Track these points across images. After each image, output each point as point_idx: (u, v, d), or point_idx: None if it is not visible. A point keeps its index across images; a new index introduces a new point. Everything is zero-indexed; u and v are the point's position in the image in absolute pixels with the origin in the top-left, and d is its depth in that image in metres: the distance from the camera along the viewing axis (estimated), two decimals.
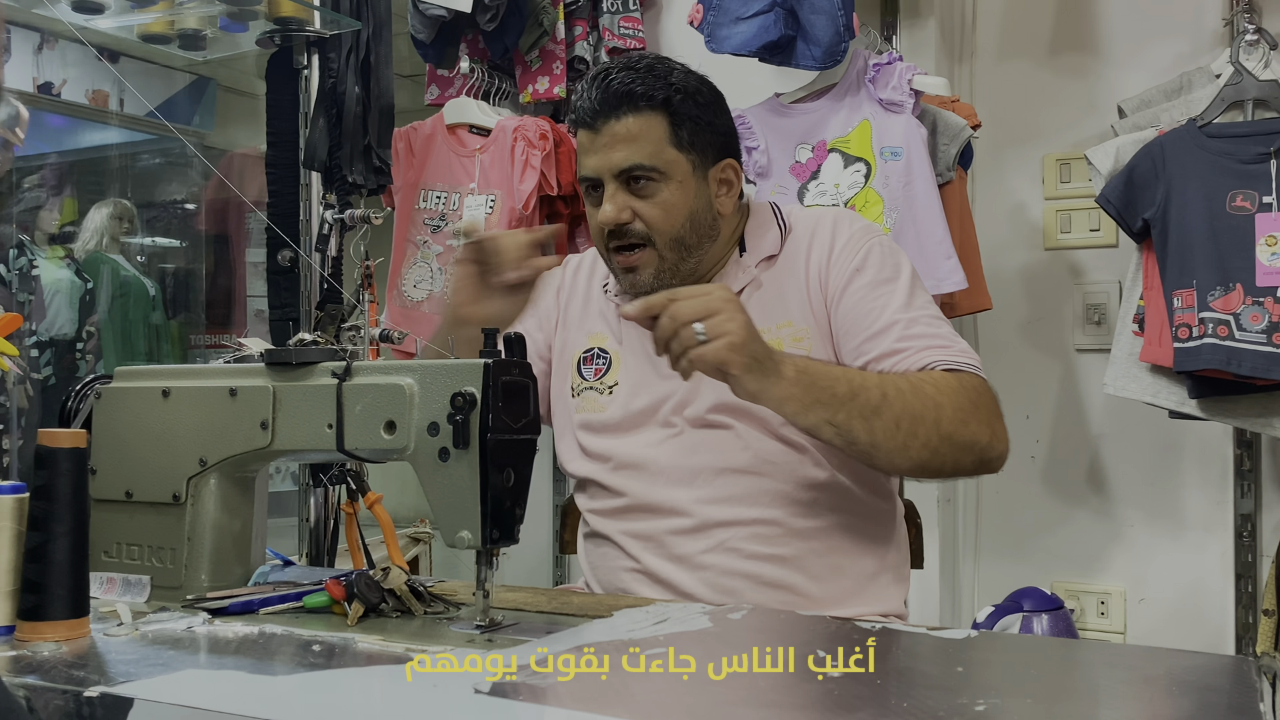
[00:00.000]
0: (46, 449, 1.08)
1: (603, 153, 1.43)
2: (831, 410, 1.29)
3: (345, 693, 0.91)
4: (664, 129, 1.43)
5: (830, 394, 1.28)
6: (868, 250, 1.46)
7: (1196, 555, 2.52)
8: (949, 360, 1.37)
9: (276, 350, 1.23)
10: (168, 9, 1.90)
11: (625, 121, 1.42)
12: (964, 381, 1.36)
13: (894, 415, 1.30)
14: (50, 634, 1.06)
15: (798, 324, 1.46)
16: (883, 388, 1.31)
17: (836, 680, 0.94)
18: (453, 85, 2.59)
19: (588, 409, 1.54)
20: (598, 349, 1.56)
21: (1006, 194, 2.71)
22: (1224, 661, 1.04)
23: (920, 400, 1.31)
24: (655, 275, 1.45)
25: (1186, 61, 2.45)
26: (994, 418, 1.36)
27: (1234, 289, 2.03)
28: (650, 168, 1.42)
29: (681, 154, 1.44)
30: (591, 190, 1.47)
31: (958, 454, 1.34)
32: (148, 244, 4.55)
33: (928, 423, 1.30)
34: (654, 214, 1.43)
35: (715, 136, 1.48)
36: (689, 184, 1.45)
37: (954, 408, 1.32)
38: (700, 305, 1.24)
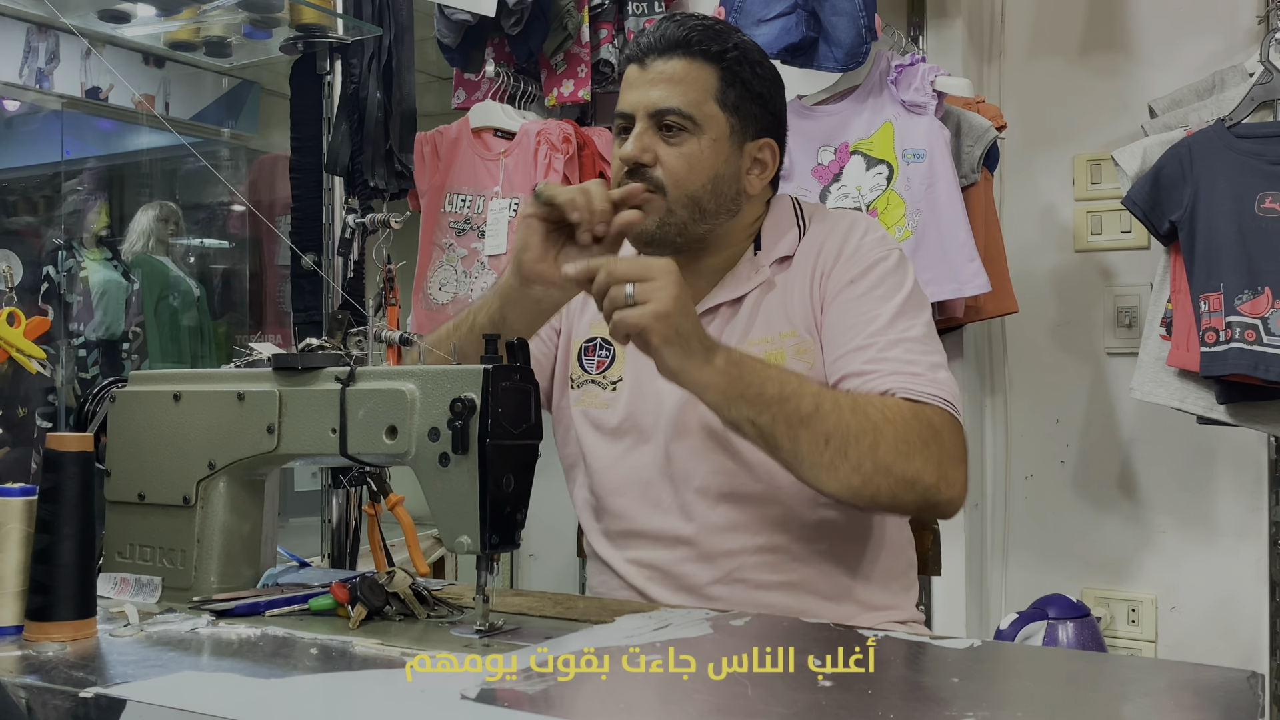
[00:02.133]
0: (54, 452, 1.10)
1: (643, 89, 1.37)
2: (756, 409, 1.22)
3: (333, 697, 0.92)
4: (713, 82, 1.37)
5: (758, 392, 1.21)
6: (872, 263, 1.39)
7: (1230, 563, 2.48)
8: (914, 390, 1.28)
9: (282, 355, 1.24)
10: (193, 17, 1.93)
11: (674, 63, 1.37)
12: (920, 414, 1.26)
13: (824, 430, 1.22)
14: (57, 634, 1.08)
15: (801, 334, 1.40)
16: (818, 399, 1.23)
17: (826, 690, 0.93)
18: (479, 89, 2.61)
19: (589, 403, 1.49)
20: (600, 339, 1.51)
21: (1036, 195, 2.68)
22: (1229, 676, 1.02)
23: (858, 420, 1.23)
24: (659, 225, 1.37)
25: (1220, 60, 2.41)
26: (946, 459, 1.26)
27: (1262, 292, 1.99)
28: (686, 114, 1.36)
29: (723, 113, 1.38)
30: (623, 129, 1.41)
31: (895, 487, 1.24)
32: (194, 245, 4.63)
33: (862, 446, 1.22)
34: (677, 164, 1.36)
35: (763, 111, 1.42)
36: (722, 145, 1.38)
37: (897, 437, 1.23)
38: (638, 267, 1.19)
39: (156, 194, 4.51)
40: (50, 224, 4.27)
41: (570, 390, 1.52)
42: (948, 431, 1.28)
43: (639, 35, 1.42)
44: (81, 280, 4.13)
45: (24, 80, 3.96)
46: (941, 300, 2.10)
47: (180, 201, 4.43)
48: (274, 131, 4.30)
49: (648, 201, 1.36)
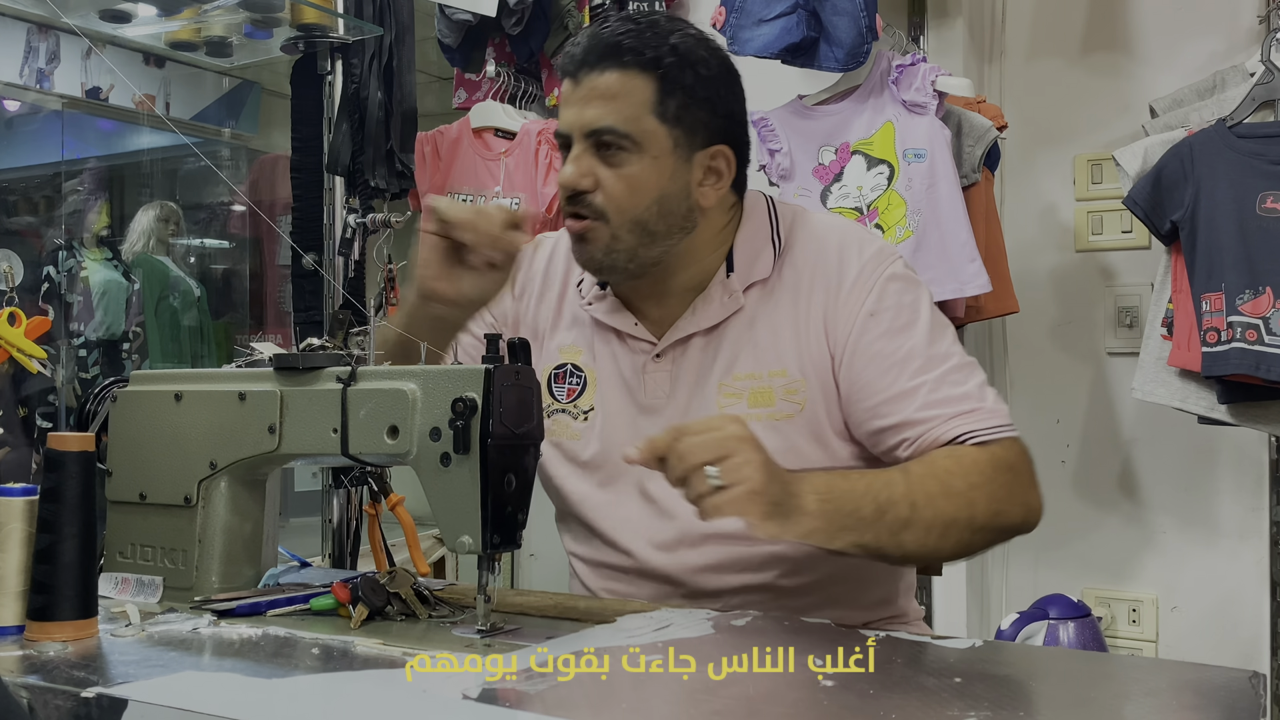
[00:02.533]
0: (56, 452, 1.10)
1: (577, 107, 1.28)
2: (859, 534, 1.17)
3: (334, 697, 0.92)
4: (649, 94, 1.27)
5: (856, 518, 1.16)
6: (881, 288, 1.31)
7: (1230, 563, 2.48)
8: (980, 430, 1.25)
9: (284, 355, 1.24)
10: (193, 17, 1.93)
11: (607, 77, 1.27)
12: (996, 459, 1.24)
13: (924, 524, 1.19)
14: (58, 634, 1.08)
15: (792, 374, 1.32)
16: (911, 497, 1.18)
17: (828, 690, 0.94)
18: (479, 89, 2.61)
19: (560, 433, 1.42)
20: (571, 365, 1.43)
21: (1037, 195, 2.68)
22: (1231, 676, 1.02)
23: (951, 502, 1.20)
24: (606, 253, 1.30)
25: (1221, 60, 2.40)
26: (1028, 489, 1.26)
27: (1263, 292, 1.99)
28: (623, 133, 1.26)
29: (663, 126, 1.28)
30: (564, 147, 1.33)
31: (991, 539, 1.25)
32: (194, 245, 4.63)
33: (960, 524, 1.21)
34: (617, 187, 1.27)
35: (711, 116, 1.31)
36: (665, 162, 1.28)
37: (988, 499, 1.21)
38: (713, 446, 1.09)
39: (157, 194, 4.51)
40: (50, 224, 4.27)
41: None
42: (1020, 463, 1.26)
43: (570, 44, 1.33)
44: (82, 280, 4.13)
45: (24, 80, 3.96)
46: (943, 300, 2.09)
47: (180, 201, 4.43)
48: (275, 131, 4.30)
49: (589, 230, 1.30)
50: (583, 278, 1.44)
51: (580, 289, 1.44)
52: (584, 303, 1.43)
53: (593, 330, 1.42)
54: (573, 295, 1.45)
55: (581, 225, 1.30)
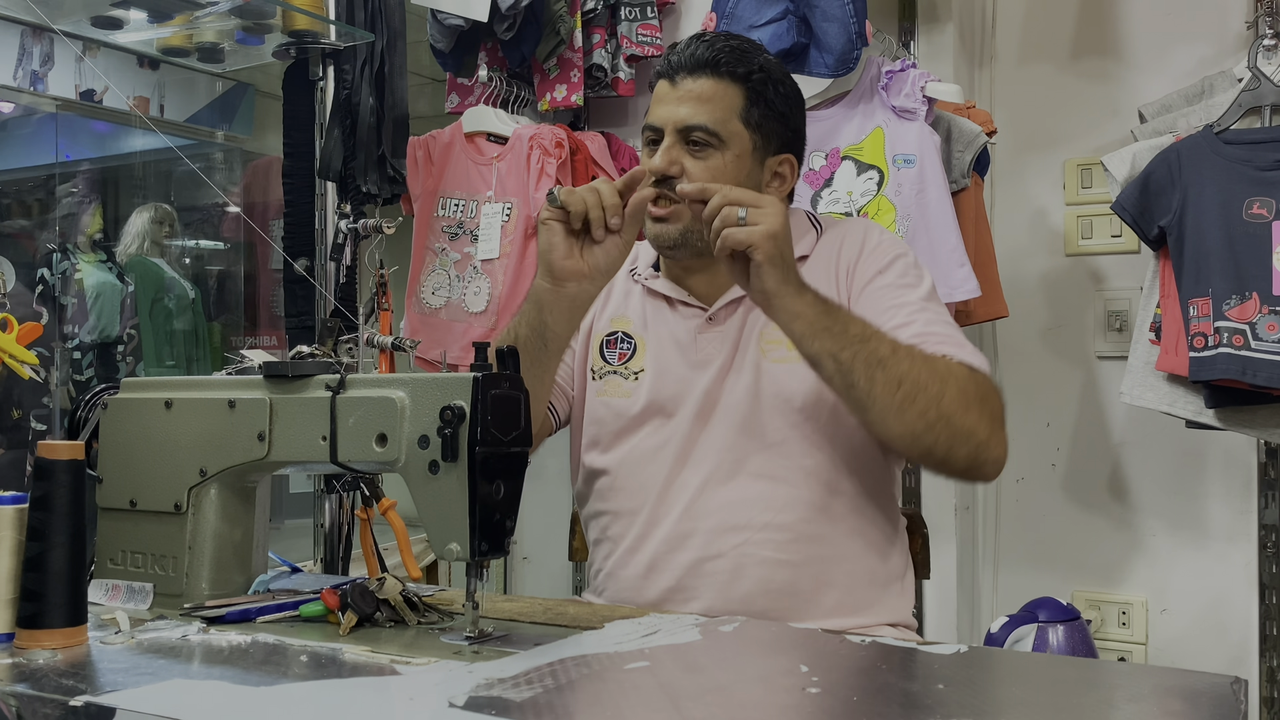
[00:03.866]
0: (45, 460, 1.11)
1: (672, 105, 1.46)
2: (839, 344, 1.30)
3: (322, 704, 0.92)
4: (738, 101, 1.46)
5: (842, 329, 1.30)
6: (894, 258, 1.49)
7: (1220, 566, 2.49)
8: (964, 359, 1.38)
9: (273, 363, 1.25)
10: (185, 23, 1.93)
11: (702, 82, 1.46)
12: (975, 376, 1.37)
13: (898, 373, 1.30)
14: (48, 642, 1.08)
15: None
16: (894, 345, 1.32)
17: (812, 696, 0.94)
18: (472, 93, 2.61)
19: (611, 392, 1.54)
20: (621, 333, 1.57)
21: (1027, 199, 2.69)
22: (1214, 682, 1.03)
23: (929, 371, 1.32)
24: (683, 233, 1.47)
25: (1209, 65, 2.42)
26: (996, 419, 1.36)
27: (1250, 298, 2.01)
28: (713, 131, 1.44)
29: (747, 130, 1.47)
30: (651, 142, 1.49)
31: (953, 438, 1.33)
32: (189, 247, 4.63)
33: (930, 394, 1.31)
34: (701, 176, 1.44)
35: (784, 129, 1.51)
36: (745, 161, 1.47)
37: (959, 391, 1.33)
38: (750, 195, 1.31)
39: (151, 196, 4.51)
40: (44, 227, 4.27)
41: (591, 382, 1.57)
42: (994, 395, 1.38)
43: (670, 52, 1.50)
44: (76, 283, 4.13)
45: (18, 83, 3.96)
46: None
47: (175, 204, 4.43)
48: (269, 134, 4.29)
49: (672, 213, 1.46)
50: (635, 265, 1.60)
51: (634, 272, 1.60)
52: (640, 279, 1.58)
53: (644, 302, 1.57)
54: (623, 280, 1.60)
55: (668, 209, 1.46)
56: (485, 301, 2.43)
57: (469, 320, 2.44)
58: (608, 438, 1.54)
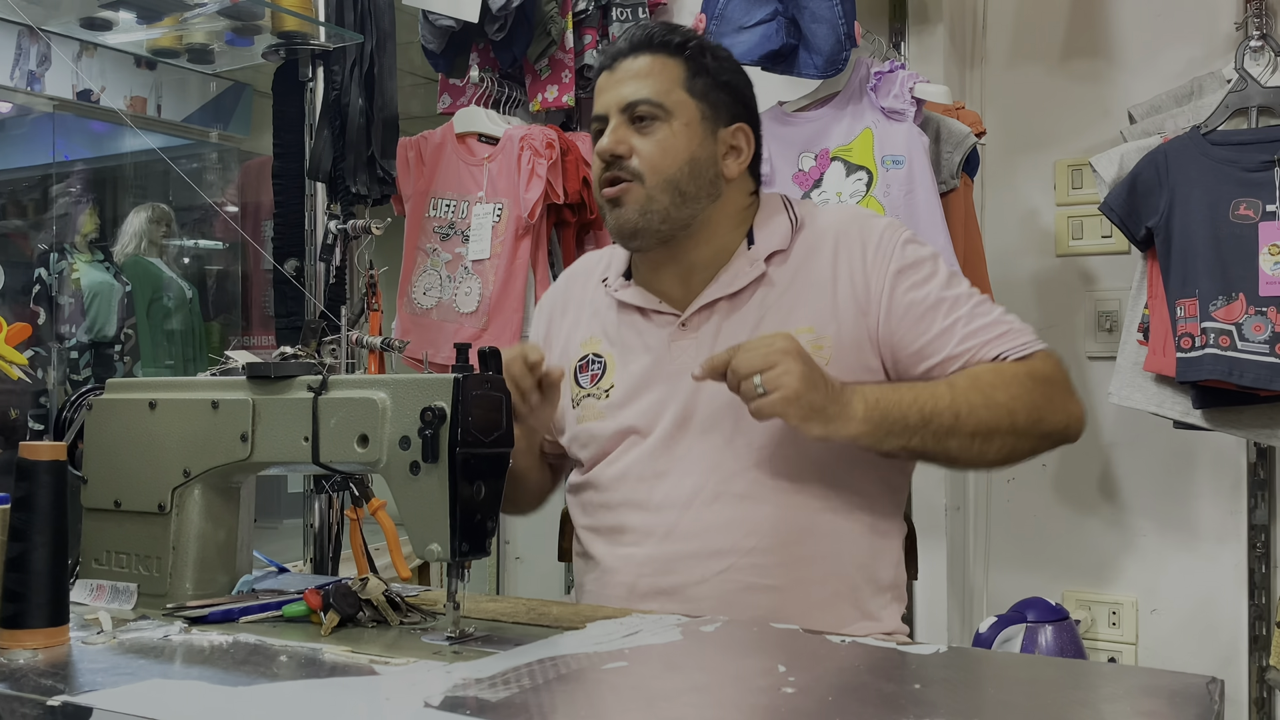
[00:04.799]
0: (27, 461, 1.11)
1: (614, 89, 1.45)
2: (905, 438, 1.33)
3: (298, 705, 0.93)
4: (678, 72, 1.44)
5: (903, 425, 1.32)
6: (901, 249, 1.45)
7: (1209, 566, 2.50)
8: (1015, 346, 1.39)
9: (256, 364, 1.25)
10: (175, 25, 1.93)
11: (641, 59, 1.44)
12: (1034, 371, 1.38)
13: (968, 432, 1.33)
14: (29, 642, 1.09)
15: (819, 330, 1.42)
16: (955, 407, 1.33)
17: (787, 696, 0.95)
18: (463, 94, 2.62)
19: (588, 416, 1.51)
20: (591, 355, 1.54)
21: (1018, 200, 2.70)
22: (1189, 681, 1.04)
23: (992, 411, 1.34)
24: (641, 213, 1.42)
25: (1199, 66, 2.42)
26: (1067, 397, 1.40)
27: (1236, 299, 2.01)
28: (656, 103, 1.42)
29: (692, 99, 1.44)
30: (599, 133, 1.47)
31: (1036, 444, 1.39)
32: (186, 246, 4.63)
33: (1002, 429, 1.34)
34: (651, 151, 1.42)
35: (732, 100, 1.48)
36: (694, 130, 1.44)
37: (1027, 407, 1.35)
38: (759, 358, 1.27)
39: (149, 196, 4.51)
40: (41, 227, 4.27)
41: (571, 410, 1.54)
42: (1055, 372, 1.41)
43: (605, 49, 1.50)
44: (73, 282, 4.13)
45: (15, 82, 3.96)
46: None
47: (173, 203, 4.43)
48: (266, 134, 4.29)
49: (625, 192, 1.42)
50: (606, 275, 1.56)
51: (606, 283, 1.56)
52: (610, 290, 1.54)
53: (615, 315, 1.53)
54: (593, 294, 1.57)
55: (618, 189, 1.43)
56: (476, 302, 2.43)
57: (460, 320, 2.45)
58: (589, 459, 1.51)
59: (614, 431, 1.48)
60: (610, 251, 1.60)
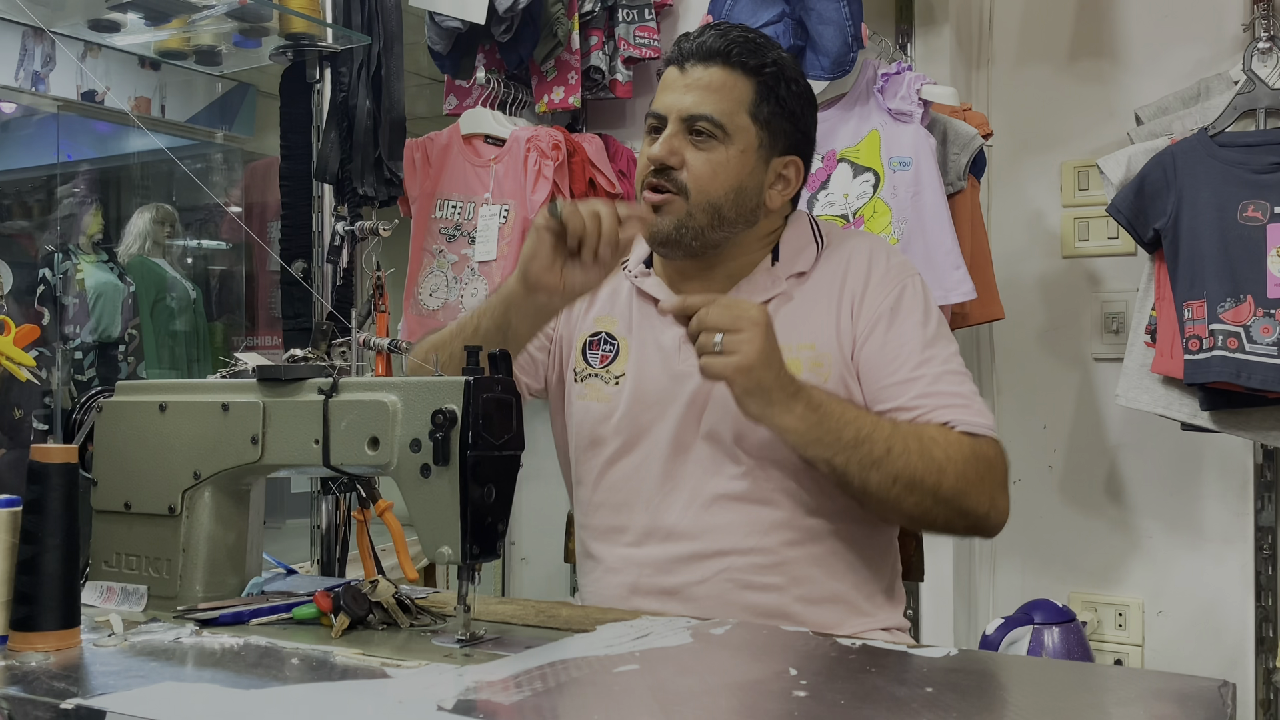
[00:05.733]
0: (39, 464, 1.11)
1: (679, 93, 1.41)
2: (832, 451, 1.30)
3: (311, 708, 0.93)
4: (748, 94, 1.40)
5: (835, 437, 1.30)
6: (902, 289, 1.44)
7: (1216, 567, 2.49)
8: (969, 423, 1.36)
9: (266, 366, 1.25)
10: (182, 26, 1.94)
11: (713, 71, 1.40)
12: (977, 449, 1.35)
13: (893, 472, 1.30)
14: (41, 644, 1.09)
15: (820, 348, 1.42)
16: (889, 443, 1.31)
17: (799, 700, 0.95)
18: (470, 95, 2.62)
19: (592, 396, 1.50)
20: (605, 334, 1.52)
21: (1024, 201, 2.70)
22: (1201, 685, 1.04)
23: (925, 463, 1.31)
24: (676, 227, 1.40)
25: (1206, 67, 2.42)
26: (998, 489, 1.36)
27: (1244, 300, 2.01)
28: (718, 122, 1.39)
29: (754, 126, 1.41)
30: (654, 129, 1.44)
31: (951, 516, 1.35)
32: (190, 246, 4.63)
33: (926, 485, 1.31)
34: (702, 169, 1.39)
35: (793, 129, 1.45)
36: (749, 157, 1.41)
37: (958, 475, 1.32)
38: (728, 317, 1.26)
39: (153, 196, 4.52)
40: (45, 227, 4.28)
41: (574, 384, 1.53)
42: (998, 462, 1.37)
43: (682, 40, 1.44)
44: (77, 283, 4.14)
45: (19, 83, 3.97)
46: None
47: (177, 204, 4.44)
48: (271, 135, 4.30)
49: (667, 203, 1.40)
50: (626, 260, 1.53)
51: (625, 266, 1.54)
52: (630, 275, 1.52)
53: (632, 303, 1.52)
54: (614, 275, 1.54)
55: (661, 197, 1.41)
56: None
57: None
58: (587, 447, 1.50)
59: (618, 420, 1.47)
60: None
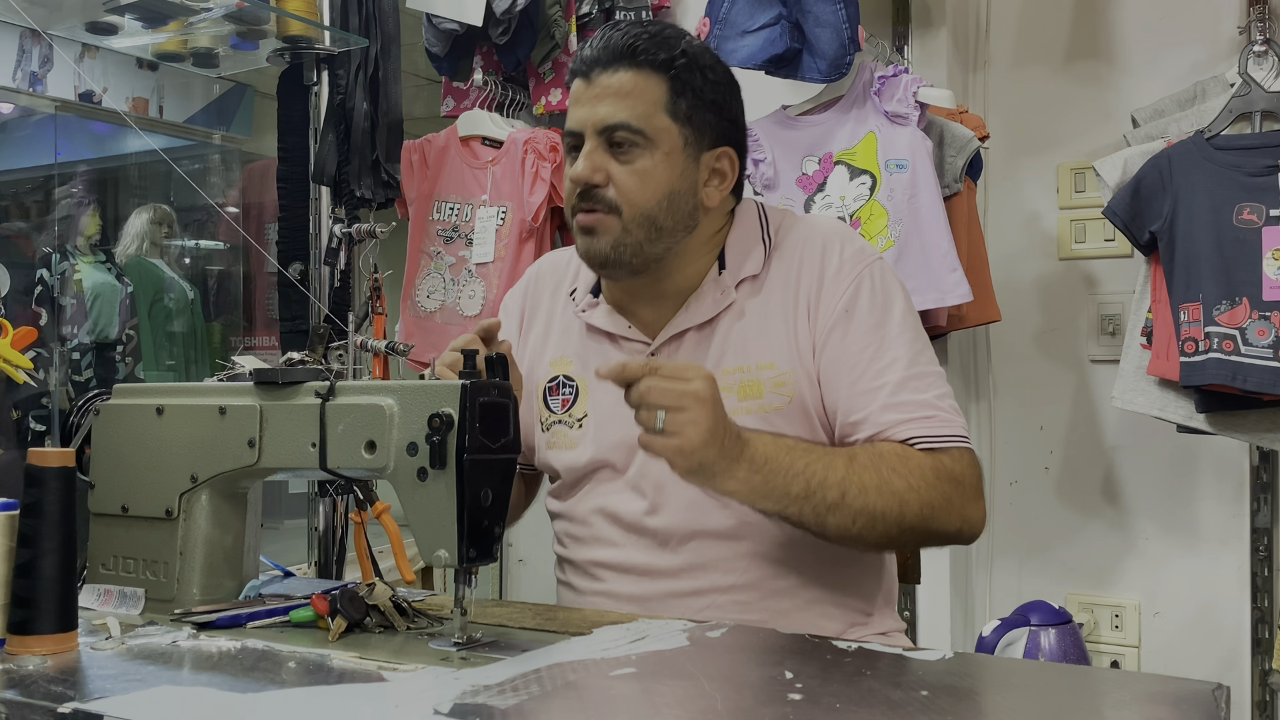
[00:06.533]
0: (36, 468, 1.12)
1: (589, 105, 1.33)
2: (783, 506, 1.26)
3: (307, 711, 0.93)
4: (661, 93, 1.32)
5: (783, 492, 1.24)
6: (857, 284, 1.36)
7: (1212, 569, 2.50)
8: (931, 436, 1.31)
9: (264, 370, 1.26)
10: (179, 29, 1.94)
11: (620, 76, 1.32)
12: (941, 468, 1.29)
13: (851, 513, 1.25)
14: (38, 648, 1.09)
15: (780, 366, 1.36)
16: (843, 486, 1.25)
17: (795, 704, 0.95)
18: (467, 97, 2.62)
19: (559, 444, 1.46)
20: (562, 377, 1.46)
21: (1020, 203, 2.70)
22: (1196, 689, 1.04)
23: (884, 498, 1.26)
24: (613, 247, 1.33)
25: (1202, 69, 2.42)
26: (969, 502, 1.31)
27: (1240, 303, 2.02)
28: (636, 129, 1.31)
29: (675, 125, 1.33)
30: (572, 148, 1.36)
31: (921, 540, 1.34)
32: (188, 247, 4.63)
33: (889, 519, 1.26)
34: (629, 182, 1.32)
35: (718, 119, 1.37)
36: (676, 159, 1.33)
37: (922, 503, 1.27)
38: (672, 396, 1.17)
39: (150, 197, 4.52)
40: (43, 228, 4.28)
41: (540, 434, 1.49)
42: (968, 474, 1.31)
43: (582, 48, 1.37)
44: (75, 284, 4.14)
45: (17, 84, 3.97)
46: (924, 310, 2.11)
47: (174, 204, 4.44)
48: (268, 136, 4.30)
49: (599, 223, 1.34)
50: (574, 287, 1.48)
51: (574, 297, 1.48)
52: (577, 309, 1.46)
53: (584, 338, 1.46)
54: (562, 308, 1.50)
55: (592, 218, 1.34)
56: (480, 305, 2.44)
57: (464, 323, 2.45)
58: (563, 490, 1.47)
59: (586, 462, 1.43)
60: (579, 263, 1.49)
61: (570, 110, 1.37)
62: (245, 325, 4.39)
